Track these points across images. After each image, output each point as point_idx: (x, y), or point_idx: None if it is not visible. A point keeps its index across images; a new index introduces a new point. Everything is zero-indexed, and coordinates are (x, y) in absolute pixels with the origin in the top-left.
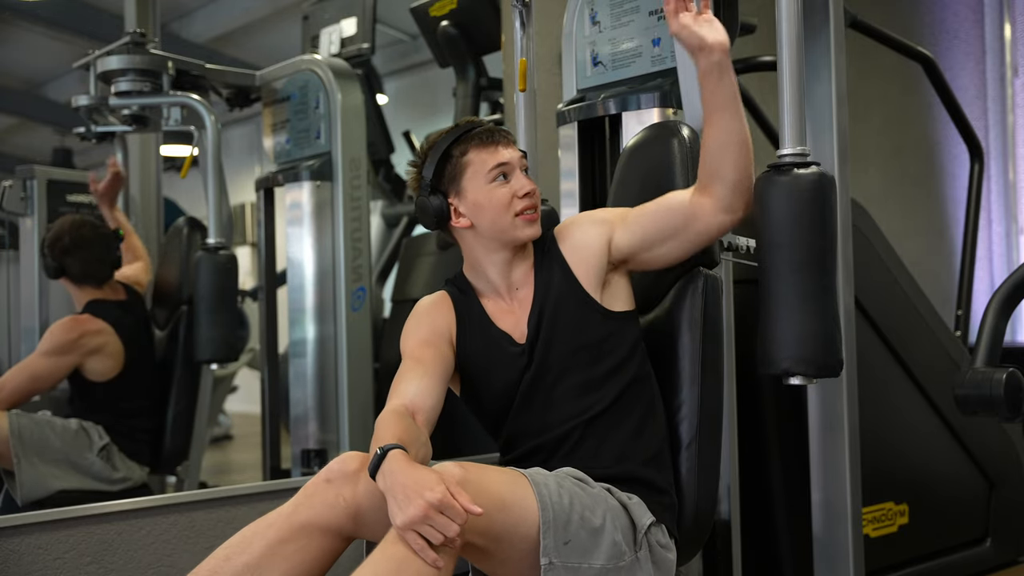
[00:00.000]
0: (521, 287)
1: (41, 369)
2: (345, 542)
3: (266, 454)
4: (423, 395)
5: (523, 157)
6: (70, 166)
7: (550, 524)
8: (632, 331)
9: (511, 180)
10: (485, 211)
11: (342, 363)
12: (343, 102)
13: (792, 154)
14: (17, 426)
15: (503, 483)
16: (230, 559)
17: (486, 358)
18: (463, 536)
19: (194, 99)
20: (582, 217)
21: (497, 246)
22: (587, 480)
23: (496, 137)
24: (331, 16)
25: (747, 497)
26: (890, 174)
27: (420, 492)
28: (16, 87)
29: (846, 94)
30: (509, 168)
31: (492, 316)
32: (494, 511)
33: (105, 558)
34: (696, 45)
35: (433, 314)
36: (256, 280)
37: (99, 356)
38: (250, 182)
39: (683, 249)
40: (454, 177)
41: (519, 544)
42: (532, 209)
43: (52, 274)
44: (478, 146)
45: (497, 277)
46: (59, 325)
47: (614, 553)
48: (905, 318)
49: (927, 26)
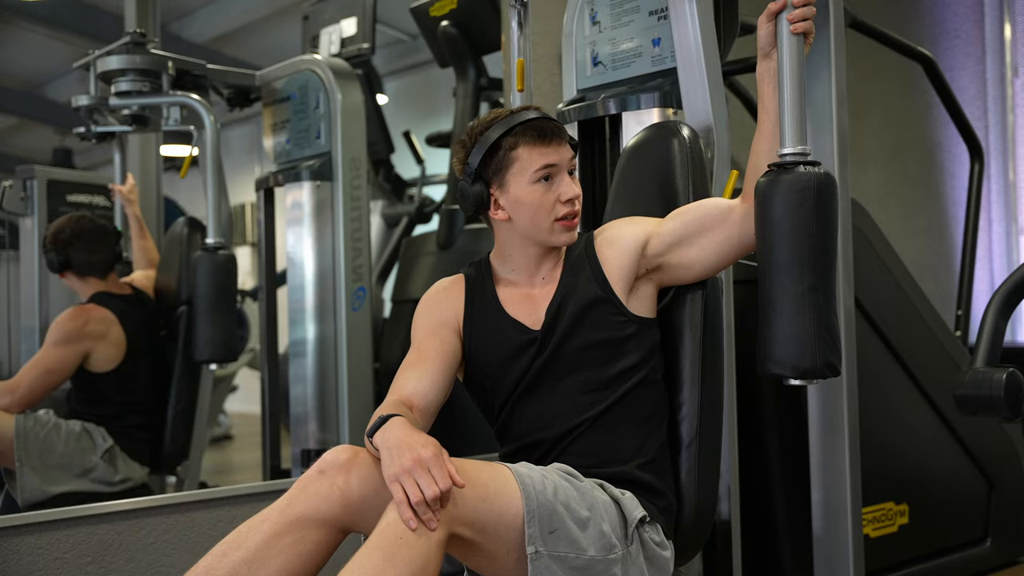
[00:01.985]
0: (546, 279)
1: (53, 361)
2: (341, 535)
3: (266, 454)
4: (421, 390)
5: (574, 157)
6: (70, 166)
7: (534, 513)
8: (652, 338)
9: (555, 182)
10: (525, 209)
11: (342, 363)
12: (343, 102)
13: (793, 153)
14: (23, 429)
15: (485, 473)
16: (226, 555)
17: (494, 343)
18: (445, 503)
19: (194, 99)
20: (621, 220)
21: (531, 243)
22: (576, 475)
23: (548, 135)
24: (331, 16)
25: (747, 497)
26: (890, 174)
27: (413, 447)
28: (16, 87)
29: (846, 94)
30: (556, 170)
31: (504, 303)
32: (477, 500)
33: (105, 558)
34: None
35: (442, 301)
36: (256, 280)
37: (104, 343)
38: (250, 182)
39: (715, 252)
40: (499, 169)
41: (505, 534)
42: (573, 216)
43: (56, 267)
44: (529, 143)
45: (524, 268)
46: (64, 316)
47: (603, 545)
48: (905, 318)
49: (927, 26)
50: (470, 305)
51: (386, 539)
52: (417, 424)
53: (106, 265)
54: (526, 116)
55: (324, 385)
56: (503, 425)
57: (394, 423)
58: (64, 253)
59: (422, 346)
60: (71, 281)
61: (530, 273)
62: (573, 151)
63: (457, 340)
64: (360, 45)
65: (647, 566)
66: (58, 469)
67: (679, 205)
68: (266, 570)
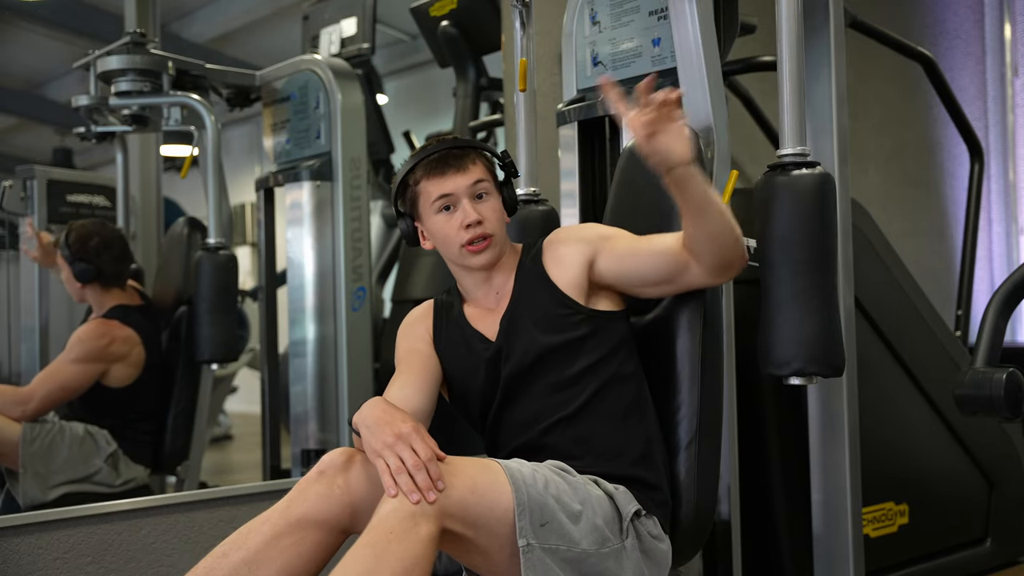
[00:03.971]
0: (501, 293)
1: (71, 378)
2: (341, 536)
3: (266, 454)
4: (407, 399)
5: (479, 182)
6: (70, 166)
7: (524, 505)
8: (618, 331)
9: (457, 210)
10: (438, 239)
11: (342, 363)
12: (343, 102)
13: (792, 154)
14: (30, 436)
15: (473, 467)
16: (227, 555)
17: (464, 358)
18: (435, 476)
19: (194, 99)
20: (571, 231)
21: (458, 267)
22: (569, 470)
23: (443, 166)
24: (331, 16)
25: (747, 497)
26: (890, 174)
27: (392, 423)
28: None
29: (846, 94)
30: (453, 199)
31: (471, 319)
32: (467, 492)
33: (105, 558)
34: (663, 165)
35: (413, 325)
36: (256, 280)
37: (123, 364)
38: (250, 182)
39: (670, 292)
40: (414, 203)
41: (497, 528)
42: (479, 239)
43: (89, 277)
44: (426, 175)
45: (475, 288)
46: (88, 332)
47: (597, 538)
48: (905, 318)
49: (927, 26)
50: (438, 325)
51: (377, 535)
52: None
53: (128, 273)
54: (426, 152)
55: (324, 385)
56: (491, 435)
57: (372, 402)
58: (96, 263)
59: (403, 361)
60: (93, 291)
61: (484, 292)
62: (487, 172)
63: (435, 355)
64: (360, 45)
65: (644, 559)
66: (61, 473)
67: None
68: (267, 571)
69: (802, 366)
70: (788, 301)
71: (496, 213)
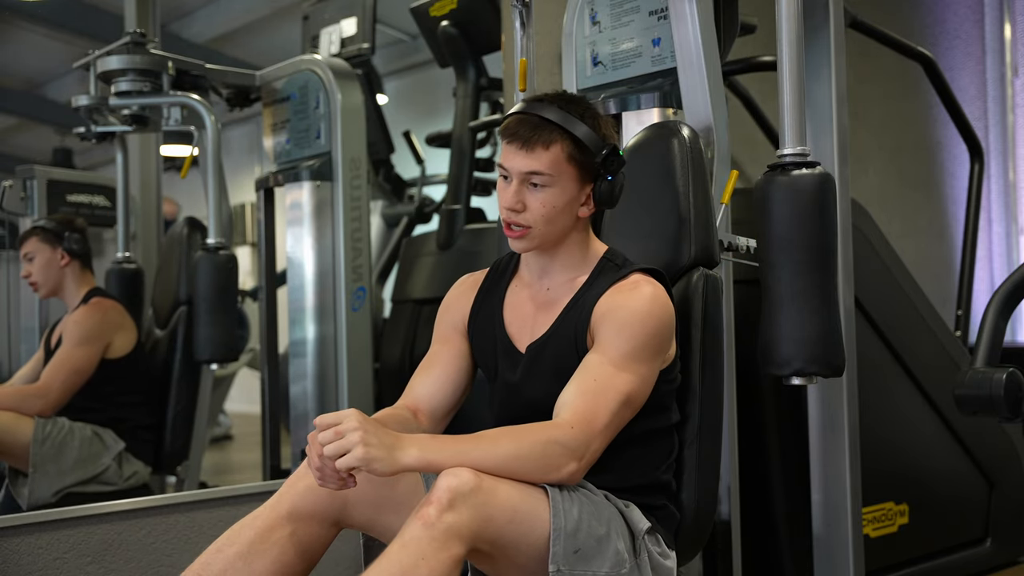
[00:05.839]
0: (553, 292)
1: (81, 361)
2: (334, 529)
3: (266, 454)
4: (429, 395)
5: (538, 174)
6: (70, 166)
7: (561, 532)
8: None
9: (510, 184)
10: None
11: (342, 363)
12: (343, 102)
13: (792, 154)
14: (42, 434)
15: (517, 494)
16: (221, 550)
17: (488, 348)
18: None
19: (194, 99)
20: (627, 308)
21: None
22: (588, 485)
23: (513, 137)
24: (331, 16)
25: (747, 497)
26: (890, 174)
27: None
28: (16, 87)
29: (846, 94)
30: (509, 174)
31: (506, 307)
32: (504, 522)
33: (105, 558)
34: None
35: (452, 306)
36: (256, 280)
37: (122, 332)
38: (250, 182)
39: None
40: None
41: (526, 551)
42: (509, 225)
43: (78, 252)
44: (502, 132)
45: (529, 268)
46: (81, 315)
47: (617, 561)
48: (905, 318)
49: (927, 26)
50: (479, 301)
51: (407, 555)
52: (423, 428)
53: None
54: (514, 111)
55: (324, 385)
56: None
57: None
58: (83, 244)
59: (434, 350)
60: (72, 272)
61: (536, 277)
62: (563, 160)
63: (467, 344)
64: (360, 45)
65: None
66: (71, 473)
67: (679, 205)
68: (261, 563)
69: (802, 366)
70: (788, 301)
71: (545, 207)
